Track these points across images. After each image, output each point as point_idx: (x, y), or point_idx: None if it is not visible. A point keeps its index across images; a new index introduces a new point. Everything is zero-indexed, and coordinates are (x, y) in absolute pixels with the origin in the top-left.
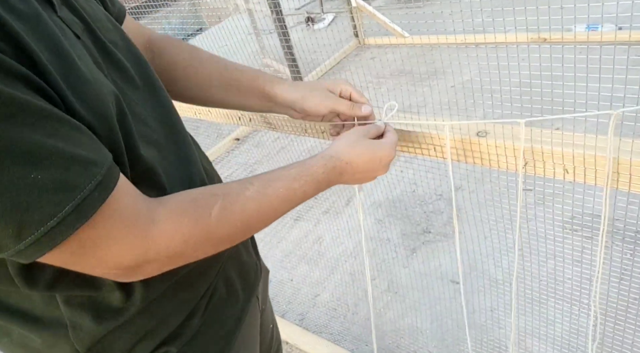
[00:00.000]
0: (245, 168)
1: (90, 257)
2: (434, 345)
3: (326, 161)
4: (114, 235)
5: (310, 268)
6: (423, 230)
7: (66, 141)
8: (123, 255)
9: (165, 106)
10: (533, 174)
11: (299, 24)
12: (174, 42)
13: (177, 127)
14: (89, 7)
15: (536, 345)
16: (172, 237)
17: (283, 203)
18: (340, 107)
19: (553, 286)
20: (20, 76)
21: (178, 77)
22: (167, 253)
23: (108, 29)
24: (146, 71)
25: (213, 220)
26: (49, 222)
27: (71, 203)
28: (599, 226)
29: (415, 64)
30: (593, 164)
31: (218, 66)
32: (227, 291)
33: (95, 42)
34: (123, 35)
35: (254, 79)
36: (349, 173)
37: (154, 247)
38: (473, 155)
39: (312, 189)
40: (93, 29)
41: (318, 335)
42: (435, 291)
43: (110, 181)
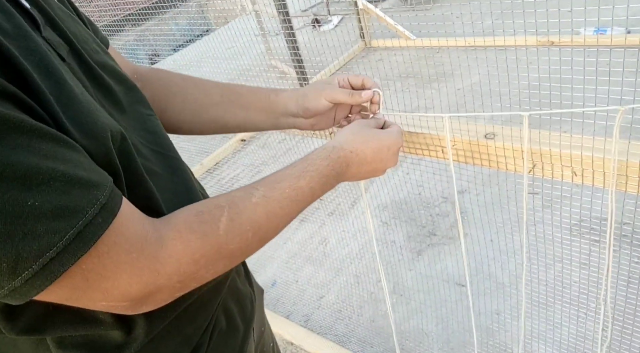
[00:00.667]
0: (251, 169)
1: (94, 290)
2: (439, 348)
3: (329, 152)
4: (120, 263)
5: (315, 269)
6: (429, 233)
7: (65, 162)
8: (131, 284)
9: (155, 132)
10: (541, 177)
11: (305, 25)
12: (163, 72)
13: (170, 154)
14: (74, 28)
15: (542, 348)
16: (182, 257)
17: (292, 204)
18: (339, 95)
19: (560, 290)
20: (8, 94)
21: (171, 104)
22: (179, 276)
23: (95, 50)
24: (134, 96)
25: (222, 233)
26: (48, 252)
27: (72, 229)
28: (605, 231)
29: (422, 67)
30: (601, 166)
31: (217, 84)
32: (228, 323)
33: (80, 64)
34: (110, 58)
35: (256, 92)
36: (356, 164)
37: (163, 271)
38: (481, 157)
39: (319, 185)
40: (79, 50)
41: (323, 336)
42: (440, 294)
43: (114, 203)
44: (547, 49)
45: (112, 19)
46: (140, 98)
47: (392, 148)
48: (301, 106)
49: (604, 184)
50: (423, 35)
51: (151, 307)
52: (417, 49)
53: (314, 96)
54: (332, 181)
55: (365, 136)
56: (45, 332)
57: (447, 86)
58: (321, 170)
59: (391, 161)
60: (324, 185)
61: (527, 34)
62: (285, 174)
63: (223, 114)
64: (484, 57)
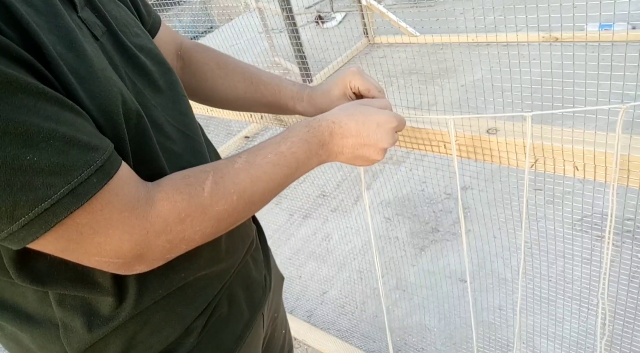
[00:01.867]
0: None
1: (88, 243)
2: (442, 343)
3: (310, 121)
4: (112, 220)
5: (318, 265)
6: (432, 229)
7: (67, 125)
8: (123, 241)
9: (186, 115)
10: (543, 172)
11: (309, 22)
12: (201, 53)
13: (195, 137)
14: (116, 12)
15: (544, 343)
16: (168, 216)
17: (275, 169)
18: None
19: (562, 286)
20: (22, 61)
21: (202, 88)
22: (166, 235)
23: (135, 34)
24: (170, 78)
25: (207, 195)
26: (43, 203)
27: (66, 186)
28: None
29: (425, 63)
30: (603, 161)
31: (244, 78)
32: (230, 309)
33: (115, 44)
34: (150, 42)
35: (276, 95)
36: (339, 135)
37: (152, 229)
38: (483, 152)
39: (302, 150)
40: (116, 32)
41: (326, 331)
42: (443, 290)
43: (111, 167)
44: (549, 45)
45: None
46: (176, 80)
47: (383, 125)
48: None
49: (605, 179)
50: (426, 31)
51: (144, 267)
52: (420, 46)
53: (333, 79)
54: (317, 148)
55: (353, 110)
56: (46, 284)
57: (451, 82)
58: (301, 136)
59: (384, 140)
60: (307, 152)
61: (530, 30)
62: (268, 142)
63: (245, 107)
64: (487, 54)
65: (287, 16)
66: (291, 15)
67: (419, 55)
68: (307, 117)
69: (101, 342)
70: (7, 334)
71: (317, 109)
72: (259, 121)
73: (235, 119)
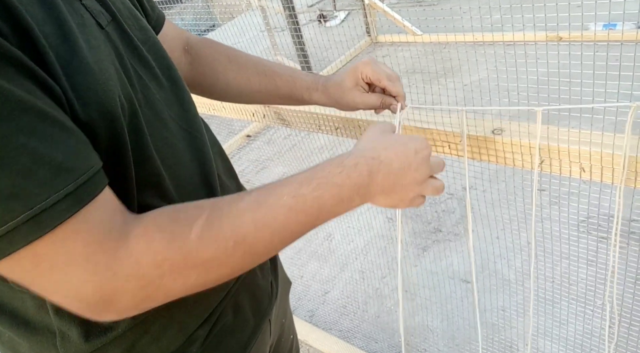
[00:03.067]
0: (256, 165)
1: (45, 279)
2: (444, 344)
3: (343, 159)
4: (75, 254)
5: (320, 265)
6: (434, 229)
7: (41, 139)
8: (84, 282)
9: (189, 110)
10: (549, 173)
11: (311, 21)
12: (211, 48)
13: (198, 135)
14: (120, 5)
15: (549, 345)
16: (141, 257)
17: (290, 214)
18: (369, 106)
19: (567, 287)
20: (11, 58)
21: (215, 84)
22: (138, 280)
23: (138, 27)
24: (172, 73)
25: (193, 237)
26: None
27: (27, 212)
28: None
29: (429, 62)
30: (610, 162)
31: (258, 71)
32: (235, 318)
33: (121, 34)
34: (152, 37)
35: (291, 86)
36: (382, 173)
37: (120, 271)
38: (488, 153)
39: (329, 195)
40: (120, 22)
41: (328, 331)
42: (445, 290)
43: (86, 193)
44: (557, 44)
45: None
46: (178, 77)
47: (420, 152)
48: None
49: (612, 181)
50: (430, 30)
51: (114, 316)
52: (423, 45)
53: (342, 104)
54: (350, 193)
55: (387, 140)
56: None
57: (455, 82)
58: (332, 178)
59: (422, 170)
60: (336, 197)
61: (536, 29)
62: (288, 180)
63: (261, 100)
64: (491, 53)
65: (290, 14)
66: (293, 14)
67: (422, 54)
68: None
69: (98, 351)
70: (5, 341)
71: (331, 100)
72: (261, 120)
73: (237, 118)
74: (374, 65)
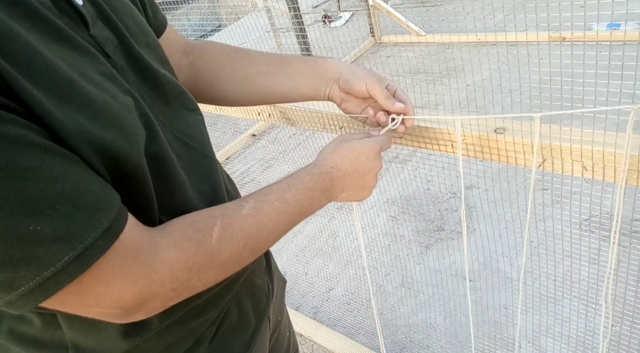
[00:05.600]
0: (261, 164)
1: (88, 294)
2: (447, 341)
3: (310, 168)
4: (115, 269)
5: (324, 262)
6: (437, 228)
7: (74, 185)
8: (125, 291)
9: (195, 127)
10: (551, 172)
11: (315, 22)
12: (215, 44)
13: (204, 151)
14: (129, 19)
15: (550, 343)
16: (176, 264)
17: (280, 216)
18: (379, 92)
19: (569, 285)
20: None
21: (221, 74)
22: (172, 284)
23: (146, 43)
24: (178, 89)
25: (214, 242)
26: (45, 272)
27: (71, 252)
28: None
29: (432, 62)
30: (612, 161)
31: (266, 54)
32: (239, 316)
33: (128, 57)
34: (159, 50)
35: (304, 59)
36: (339, 177)
37: (157, 278)
38: (490, 152)
39: (305, 198)
40: (129, 42)
41: (332, 328)
42: (448, 288)
43: (117, 226)
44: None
45: None
46: (184, 92)
47: (369, 154)
48: (345, 79)
49: (614, 179)
50: (433, 31)
51: (142, 316)
52: (427, 45)
53: (361, 78)
54: (319, 195)
55: (342, 150)
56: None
57: (458, 82)
58: (305, 184)
59: (373, 167)
60: (310, 199)
61: (538, 29)
62: (272, 189)
63: (269, 83)
64: (494, 53)
65: (295, 15)
66: (299, 15)
67: (426, 54)
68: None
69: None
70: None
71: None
72: (266, 119)
73: (243, 117)
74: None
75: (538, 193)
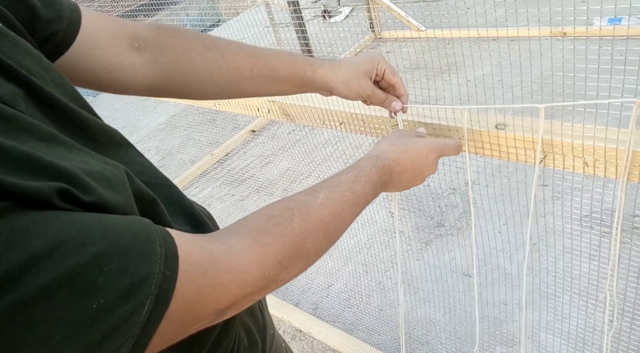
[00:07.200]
0: (261, 160)
1: (183, 323)
2: (446, 337)
3: (374, 161)
4: (201, 290)
5: (323, 258)
6: (437, 224)
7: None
8: (219, 302)
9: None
10: (552, 167)
11: (315, 17)
12: (177, 37)
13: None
14: (25, 59)
15: (550, 339)
16: (265, 261)
17: (351, 207)
18: (375, 100)
19: (569, 282)
20: None
21: (195, 78)
22: (264, 281)
23: (53, 82)
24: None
25: (298, 233)
26: (133, 331)
27: (148, 299)
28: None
29: (432, 58)
30: (614, 157)
31: (247, 55)
32: (249, 339)
33: (40, 105)
34: (66, 85)
35: (291, 64)
36: (397, 172)
37: (249, 279)
38: (491, 148)
39: (371, 191)
40: (36, 86)
41: (331, 324)
42: (448, 284)
43: (171, 247)
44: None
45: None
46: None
47: (429, 155)
48: (337, 92)
49: (616, 175)
50: (434, 26)
51: (233, 312)
52: (427, 40)
53: (352, 91)
54: (379, 188)
55: (404, 144)
56: None
57: (458, 77)
58: (372, 177)
59: (430, 169)
60: (374, 191)
61: (537, 24)
62: (341, 179)
63: (254, 88)
64: (495, 48)
65: (294, 10)
66: (298, 10)
67: (426, 50)
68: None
69: None
70: None
71: (338, 79)
72: (265, 115)
73: (242, 113)
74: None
75: (538, 189)
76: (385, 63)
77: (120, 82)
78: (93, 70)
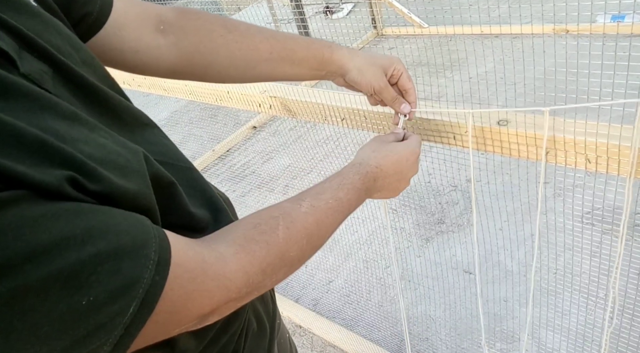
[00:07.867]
0: (262, 156)
1: (168, 324)
2: (446, 333)
3: (357, 168)
4: (189, 294)
5: (324, 254)
6: (437, 220)
7: (104, 237)
8: (203, 307)
9: (163, 144)
10: (554, 164)
11: (317, 13)
12: (200, 19)
13: (182, 165)
14: (56, 38)
15: (550, 336)
16: (249, 269)
17: (335, 214)
18: (386, 96)
19: (570, 279)
20: None
21: (215, 59)
22: (247, 288)
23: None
24: (127, 106)
25: (282, 241)
26: (115, 332)
27: (134, 301)
28: (618, 220)
29: (435, 54)
30: (617, 154)
31: (266, 37)
32: (258, 324)
33: (68, 84)
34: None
35: (309, 47)
36: (381, 178)
37: (233, 286)
38: (493, 144)
39: (355, 198)
40: (64, 65)
41: (331, 320)
42: (448, 281)
43: (165, 253)
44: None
45: None
46: (131, 107)
47: (410, 158)
48: (351, 78)
49: (618, 172)
50: (436, 23)
51: (217, 318)
52: (429, 37)
53: (367, 79)
54: (363, 195)
55: (385, 151)
56: None
57: (461, 74)
58: (355, 184)
59: (412, 170)
60: (357, 198)
61: (539, 21)
62: (325, 187)
63: (271, 71)
64: (498, 45)
65: (296, 6)
66: (300, 5)
67: (428, 46)
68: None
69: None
70: None
71: (354, 64)
72: (267, 111)
73: (244, 109)
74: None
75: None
76: (403, 67)
77: (145, 63)
78: (121, 51)
